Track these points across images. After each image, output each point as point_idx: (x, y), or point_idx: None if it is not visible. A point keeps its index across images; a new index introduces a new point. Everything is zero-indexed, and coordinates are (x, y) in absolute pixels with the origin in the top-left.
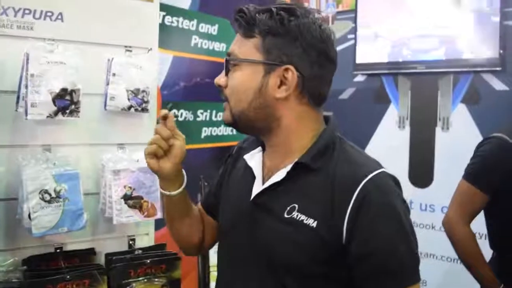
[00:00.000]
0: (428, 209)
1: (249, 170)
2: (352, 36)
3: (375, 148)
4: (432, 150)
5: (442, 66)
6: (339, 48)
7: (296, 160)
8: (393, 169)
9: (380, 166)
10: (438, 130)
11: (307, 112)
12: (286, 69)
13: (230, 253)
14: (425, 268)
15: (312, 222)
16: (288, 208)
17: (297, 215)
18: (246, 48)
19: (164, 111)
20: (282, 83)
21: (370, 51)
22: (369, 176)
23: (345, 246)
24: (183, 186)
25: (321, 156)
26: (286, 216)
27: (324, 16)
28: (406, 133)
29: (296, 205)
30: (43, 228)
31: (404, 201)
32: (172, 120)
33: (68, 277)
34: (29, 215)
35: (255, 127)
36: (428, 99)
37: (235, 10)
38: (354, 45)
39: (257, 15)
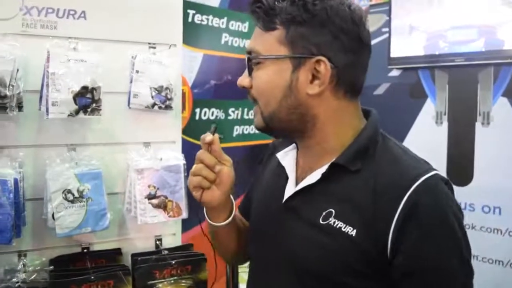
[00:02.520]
0: (468, 208)
1: (281, 170)
2: (386, 29)
3: (411, 145)
4: (471, 147)
5: (481, 58)
6: (373, 42)
7: (332, 160)
8: None
9: (432, 168)
10: (478, 125)
11: (345, 107)
12: (317, 61)
13: (259, 258)
14: None
15: (351, 230)
16: (324, 213)
17: (334, 222)
18: (268, 42)
19: (209, 137)
20: (314, 77)
21: (405, 44)
22: (420, 180)
23: (389, 260)
24: (232, 216)
25: (361, 156)
26: (321, 222)
27: None
28: (444, 129)
29: (333, 211)
30: (67, 228)
31: (460, 209)
32: (218, 143)
33: (92, 277)
34: (53, 215)
35: (289, 129)
36: (467, 93)
37: (250, 1)
38: (389, 38)
39: (276, 3)
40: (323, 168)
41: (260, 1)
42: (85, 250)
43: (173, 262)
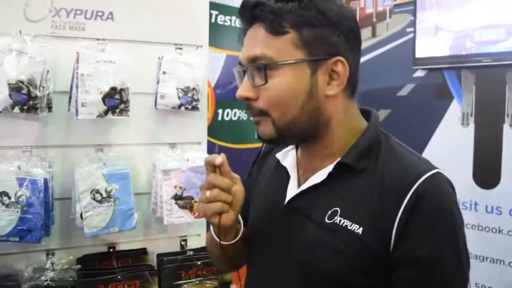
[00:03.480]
0: (495, 212)
1: (281, 170)
2: (411, 29)
3: (436, 147)
4: (499, 149)
5: (510, 58)
6: (397, 42)
7: (338, 160)
8: (456, 169)
9: (434, 166)
10: (506, 127)
11: (350, 107)
12: (335, 62)
13: (261, 262)
14: (491, 275)
15: (357, 228)
16: (329, 212)
17: (340, 220)
18: (280, 47)
19: (219, 159)
20: (330, 78)
21: (430, 44)
22: (423, 178)
23: (391, 255)
24: (240, 233)
25: (365, 156)
26: (327, 221)
27: (381, 10)
28: (470, 130)
29: (339, 209)
30: (95, 228)
31: (460, 212)
32: (227, 164)
33: (119, 277)
34: (81, 215)
35: (303, 135)
36: (494, 94)
37: (248, 5)
38: (414, 38)
39: (280, 5)
40: (329, 168)
41: (263, 4)
42: (111, 250)
43: (199, 263)
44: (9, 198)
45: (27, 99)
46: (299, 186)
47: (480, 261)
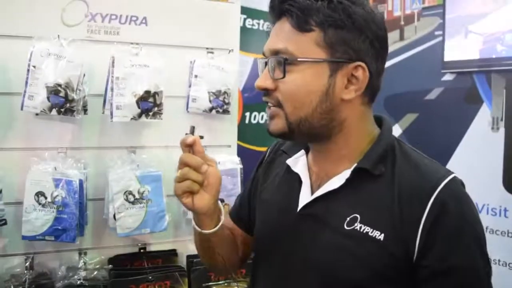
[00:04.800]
0: None
1: (292, 177)
2: (439, 32)
3: (465, 152)
4: None
5: None
6: (425, 45)
7: (355, 165)
8: (486, 175)
9: (450, 171)
10: None
11: (367, 113)
12: (356, 67)
13: (273, 271)
14: None
15: (378, 235)
16: (348, 219)
17: (360, 227)
18: (304, 44)
19: (190, 138)
20: (349, 82)
21: (460, 48)
22: (443, 183)
23: (415, 262)
24: (221, 222)
25: (382, 161)
26: (346, 227)
27: (409, 13)
28: (500, 135)
29: (358, 216)
30: (127, 229)
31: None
32: (199, 144)
33: (150, 277)
34: (114, 216)
35: (314, 134)
36: None
37: None
38: (442, 42)
39: (309, 2)
40: (346, 173)
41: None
42: (142, 250)
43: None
44: (46, 198)
45: (64, 102)
46: (312, 192)
47: (509, 269)
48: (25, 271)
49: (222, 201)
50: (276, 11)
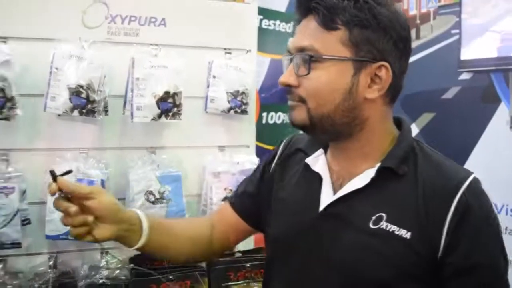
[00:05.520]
0: None
1: (311, 176)
2: (456, 31)
3: (483, 152)
4: None
5: None
6: (441, 44)
7: (379, 164)
8: (504, 174)
9: (469, 171)
10: None
11: (388, 113)
12: (379, 66)
13: (290, 271)
14: None
15: (405, 233)
16: (374, 218)
17: (386, 226)
18: (329, 42)
19: (52, 187)
20: (372, 81)
21: (477, 46)
22: (466, 183)
23: (440, 260)
24: (144, 234)
25: (405, 161)
26: (371, 226)
27: (425, 11)
28: None
29: (384, 215)
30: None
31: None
32: (66, 184)
33: (170, 277)
34: None
35: (336, 131)
36: None
37: None
38: (459, 40)
39: (336, 1)
40: (370, 172)
41: None
42: None
43: (248, 265)
44: None
45: (86, 103)
46: (334, 191)
47: None
48: (49, 270)
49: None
50: (302, 8)
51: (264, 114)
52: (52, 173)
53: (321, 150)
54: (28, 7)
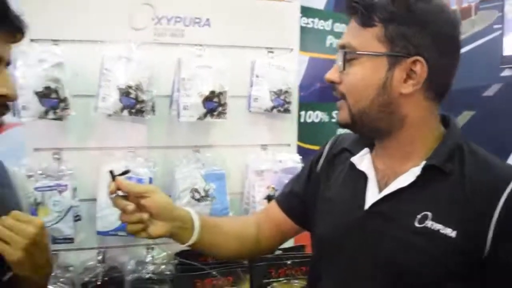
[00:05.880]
0: None
1: (357, 175)
2: (498, 26)
3: None
4: None
5: None
6: (483, 40)
7: (424, 162)
8: None
9: None
10: None
11: (432, 109)
12: (414, 61)
13: (337, 270)
14: None
15: (450, 232)
16: (419, 216)
17: (431, 224)
18: (365, 38)
19: (111, 186)
20: (408, 76)
21: None
22: None
23: (485, 258)
24: (196, 232)
25: (451, 159)
26: (417, 225)
27: (466, 6)
28: None
29: (429, 213)
30: None
31: None
32: (124, 185)
33: (214, 273)
34: None
35: (376, 128)
36: None
37: None
38: (501, 36)
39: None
40: (415, 170)
41: None
42: None
43: (289, 262)
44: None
45: (135, 103)
46: (380, 190)
47: None
48: (98, 264)
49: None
50: (347, 9)
51: (302, 112)
52: (112, 173)
53: (366, 149)
54: (78, 11)
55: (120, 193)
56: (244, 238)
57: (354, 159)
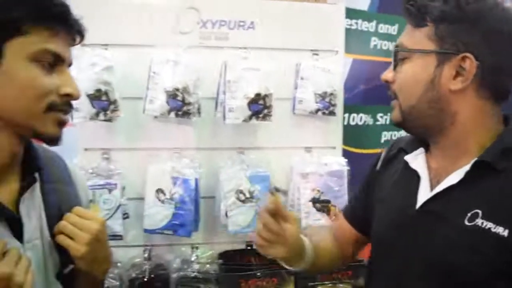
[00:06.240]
0: None
1: (410, 174)
2: None
3: None
4: None
5: None
6: None
7: (475, 159)
8: None
9: None
10: None
11: (488, 109)
12: (463, 58)
13: (389, 267)
14: None
15: (502, 231)
16: (469, 214)
17: (482, 223)
18: (416, 38)
19: (271, 205)
20: (458, 73)
21: None
22: None
23: None
24: (307, 260)
25: (505, 157)
26: (467, 223)
27: None
28: None
29: (480, 211)
30: (238, 226)
31: None
32: (279, 205)
33: (258, 274)
34: (226, 213)
35: (426, 125)
36: None
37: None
38: None
39: (428, 1)
40: (466, 167)
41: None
42: (249, 247)
43: None
44: (164, 195)
45: (181, 105)
46: (431, 189)
47: None
48: (144, 261)
49: (329, 202)
50: (404, 11)
51: (346, 115)
52: (277, 189)
53: (421, 149)
54: (126, 16)
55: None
56: (334, 253)
57: (408, 158)
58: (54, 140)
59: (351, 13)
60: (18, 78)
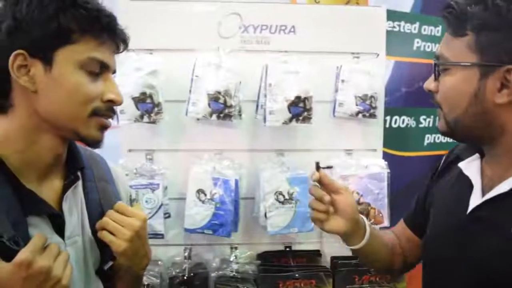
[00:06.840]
0: None
1: (464, 180)
2: None
3: None
4: None
5: None
6: None
7: None
8: None
9: None
10: None
11: None
12: (508, 70)
13: (439, 270)
14: None
15: None
16: None
17: None
18: (456, 48)
19: (315, 176)
20: (503, 85)
21: None
22: None
23: None
24: (365, 238)
25: None
26: None
27: None
28: None
29: None
30: (277, 227)
31: None
32: (325, 177)
33: (296, 275)
34: (265, 214)
35: (474, 135)
36: None
37: (443, 6)
38: None
39: (468, 8)
40: None
41: (452, 6)
42: (287, 249)
43: (373, 270)
44: (205, 195)
45: (223, 108)
46: (483, 195)
47: None
48: (184, 260)
49: (369, 204)
50: (443, 19)
51: (388, 117)
52: (317, 164)
53: (477, 155)
54: (169, 21)
55: (318, 184)
56: (395, 251)
57: (462, 164)
58: (96, 143)
59: (393, 15)
60: (66, 84)
